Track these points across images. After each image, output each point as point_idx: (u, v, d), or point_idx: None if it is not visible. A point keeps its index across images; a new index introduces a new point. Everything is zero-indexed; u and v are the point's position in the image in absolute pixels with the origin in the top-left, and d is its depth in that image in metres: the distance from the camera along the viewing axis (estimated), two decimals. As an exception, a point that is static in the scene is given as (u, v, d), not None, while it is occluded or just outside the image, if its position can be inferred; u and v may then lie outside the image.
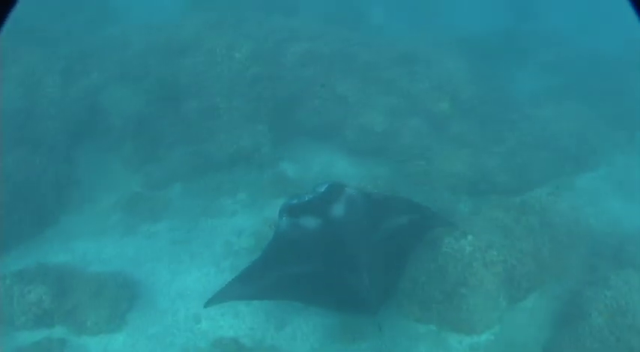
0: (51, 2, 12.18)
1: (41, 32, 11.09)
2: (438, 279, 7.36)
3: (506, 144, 9.38)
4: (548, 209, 7.85)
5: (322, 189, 6.72)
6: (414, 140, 9.20)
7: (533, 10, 14.71)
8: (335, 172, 9.29)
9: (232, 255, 8.43)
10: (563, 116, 10.12)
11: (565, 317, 7.41)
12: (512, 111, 10.11)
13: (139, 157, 9.38)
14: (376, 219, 6.86)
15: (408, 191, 8.73)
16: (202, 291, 7.90)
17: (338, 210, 6.57)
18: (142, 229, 8.88)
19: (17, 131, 9.14)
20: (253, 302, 7.83)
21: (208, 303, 6.72)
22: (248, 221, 8.66)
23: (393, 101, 9.38)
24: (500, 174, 9.07)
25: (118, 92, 9.49)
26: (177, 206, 9.09)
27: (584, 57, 11.75)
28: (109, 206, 9.08)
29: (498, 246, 7.52)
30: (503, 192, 8.92)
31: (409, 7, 14.55)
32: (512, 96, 10.67)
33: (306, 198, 6.66)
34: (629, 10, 1.72)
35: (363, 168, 9.27)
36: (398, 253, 7.00)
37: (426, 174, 9.04)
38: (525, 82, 11.33)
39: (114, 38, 10.94)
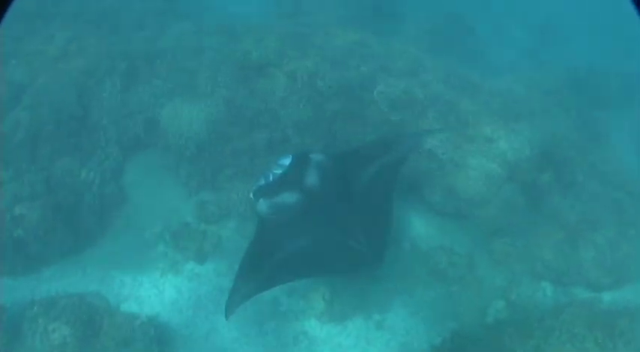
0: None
1: (112, 18, 10.77)
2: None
3: (607, 232, 8.73)
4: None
5: (287, 161, 6.89)
6: (504, 212, 8.64)
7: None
8: (409, 228, 8.88)
9: (279, 316, 8.22)
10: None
11: None
12: (619, 188, 9.37)
13: (195, 183, 9.11)
14: (350, 175, 7.20)
15: (485, 268, 8.47)
16: (240, 356, 7.78)
17: (311, 177, 6.82)
18: (187, 268, 8.68)
19: (68, 138, 8.98)
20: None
21: (228, 314, 6.83)
22: (303, 279, 8.16)
23: (488, 165, 8.79)
24: (592, 268, 8.61)
25: (179, 109, 9.14)
26: (228, 246, 8.83)
27: None
28: (154, 234, 8.91)
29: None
30: (591, 287, 8.57)
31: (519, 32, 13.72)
32: (620, 166, 9.88)
33: (275, 175, 6.84)
34: None
35: (442, 233, 8.82)
36: (381, 198, 7.40)
37: (508, 254, 8.64)
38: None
39: (186, 38, 10.57)
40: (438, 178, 8.80)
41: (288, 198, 6.75)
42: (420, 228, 8.83)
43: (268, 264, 6.83)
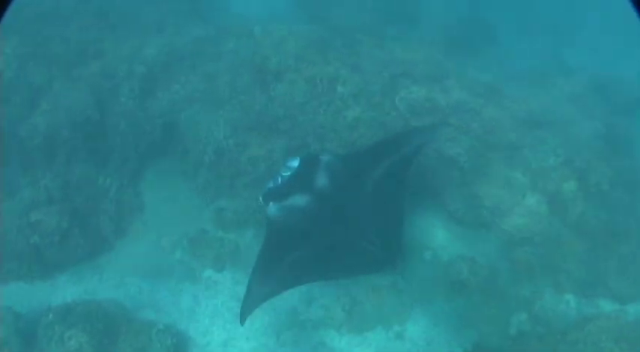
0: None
1: (130, 21, 10.79)
2: None
3: (631, 243, 8.60)
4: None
5: (296, 163, 6.99)
6: (527, 221, 8.52)
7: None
8: (429, 237, 8.76)
9: (297, 325, 8.14)
10: None
11: None
12: (645, 201, 9.29)
13: (213, 190, 9.08)
14: (359, 175, 7.19)
15: (507, 279, 8.32)
16: (257, 366, 7.76)
17: (320, 179, 6.85)
18: (204, 276, 8.65)
19: (85, 143, 8.98)
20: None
21: (242, 320, 6.78)
22: (322, 289, 8.24)
23: (511, 173, 8.72)
24: (616, 278, 8.53)
25: (198, 115, 9.14)
26: (245, 255, 8.75)
27: None
28: (172, 241, 8.90)
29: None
30: (616, 299, 8.45)
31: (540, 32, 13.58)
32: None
33: (284, 178, 6.92)
34: None
35: (463, 243, 8.70)
36: (393, 196, 7.32)
37: (531, 264, 8.48)
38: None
39: (205, 42, 10.54)
40: (460, 186, 8.73)
41: (298, 200, 6.78)
42: (440, 237, 8.72)
43: (280, 267, 6.80)
